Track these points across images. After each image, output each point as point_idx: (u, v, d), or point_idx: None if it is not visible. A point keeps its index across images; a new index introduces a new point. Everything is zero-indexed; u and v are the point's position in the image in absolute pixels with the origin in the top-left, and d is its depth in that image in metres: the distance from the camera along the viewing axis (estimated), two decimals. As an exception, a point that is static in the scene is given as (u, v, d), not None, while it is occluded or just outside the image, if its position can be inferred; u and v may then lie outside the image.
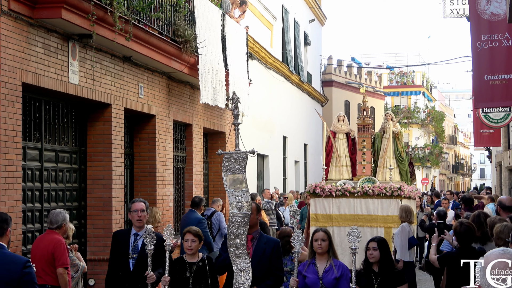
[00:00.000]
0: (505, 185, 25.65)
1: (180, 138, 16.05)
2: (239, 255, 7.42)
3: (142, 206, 8.69)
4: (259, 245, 8.01)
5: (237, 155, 7.44)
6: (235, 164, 7.43)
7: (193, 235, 8.29)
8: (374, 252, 8.20)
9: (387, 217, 15.92)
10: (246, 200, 7.38)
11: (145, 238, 8.21)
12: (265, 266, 7.91)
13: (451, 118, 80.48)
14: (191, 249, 8.27)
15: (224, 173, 7.47)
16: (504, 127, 23.77)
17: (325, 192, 16.22)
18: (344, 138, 17.91)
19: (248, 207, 7.37)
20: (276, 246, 8.13)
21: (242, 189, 7.40)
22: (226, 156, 7.48)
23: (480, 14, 14.58)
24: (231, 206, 7.40)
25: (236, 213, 7.38)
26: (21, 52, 9.55)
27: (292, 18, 28.69)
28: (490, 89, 14.58)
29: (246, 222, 7.38)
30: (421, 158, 59.63)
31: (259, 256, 7.90)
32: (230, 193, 7.43)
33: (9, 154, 9.29)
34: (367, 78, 44.26)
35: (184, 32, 13.93)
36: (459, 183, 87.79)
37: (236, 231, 7.39)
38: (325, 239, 8.04)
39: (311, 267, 8.01)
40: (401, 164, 18.05)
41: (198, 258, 8.33)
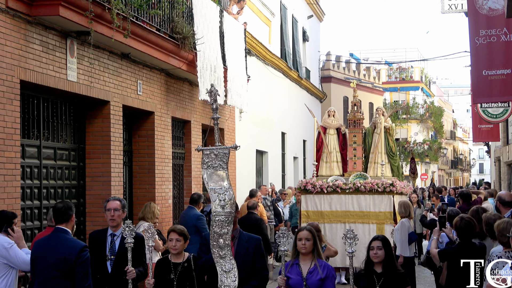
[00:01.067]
0: (504, 180, 25.67)
1: (179, 134, 16.05)
2: (224, 256, 7.08)
3: (116, 205, 8.24)
4: (241, 244, 7.70)
5: (218, 151, 7.13)
6: (215, 160, 7.12)
7: (177, 234, 7.95)
8: (378, 252, 7.62)
9: (379, 214, 15.86)
10: (229, 197, 7.04)
11: (123, 231, 7.80)
12: (249, 265, 7.61)
13: (450, 113, 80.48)
14: (175, 249, 7.93)
15: (204, 170, 7.13)
16: (502, 122, 23.80)
17: (316, 189, 16.15)
18: (334, 134, 17.77)
19: (232, 205, 7.03)
20: (258, 243, 7.82)
21: (224, 186, 7.05)
22: (206, 152, 7.17)
23: (478, 9, 14.57)
24: (214, 204, 7.04)
25: (219, 211, 7.02)
26: (19, 49, 9.54)
27: (290, 14, 28.67)
28: (489, 84, 14.56)
29: (230, 221, 7.04)
30: (420, 153, 59.64)
31: (242, 256, 7.58)
32: (212, 191, 7.06)
33: (7, 151, 9.29)
34: (366, 73, 44.25)
35: (182, 29, 13.92)
36: (458, 178, 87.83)
37: (219, 231, 7.05)
38: (309, 239, 7.50)
39: (294, 268, 7.53)
40: (392, 159, 17.86)
41: (184, 258, 7.98)
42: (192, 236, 13.22)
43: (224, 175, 7.07)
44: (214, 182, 7.05)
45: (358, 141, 17.49)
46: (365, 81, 42.91)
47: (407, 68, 62.14)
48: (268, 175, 24.43)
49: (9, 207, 9.25)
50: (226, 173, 7.07)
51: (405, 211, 13.70)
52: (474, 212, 9.60)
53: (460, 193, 14.10)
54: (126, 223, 7.86)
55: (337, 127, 17.86)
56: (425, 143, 61.15)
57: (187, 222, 13.39)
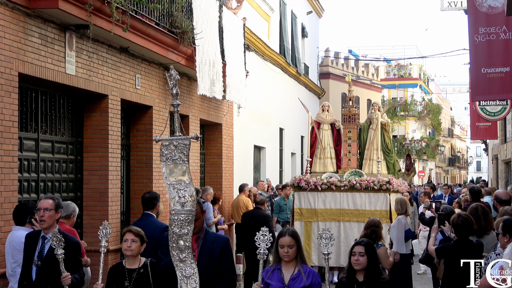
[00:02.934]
0: (501, 178, 25.69)
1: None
2: (184, 260, 6.31)
3: (48, 204, 7.53)
4: (206, 246, 6.85)
5: (178, 142, 6.46)
6: (175, 152, 6.43)
7: (134, 234, 7.30)
8: (360, 258, 6.88)
9: (375, 212, 15.47)
10: (190, 194, 6.29)
11: (51, 241, 7.05)
12: (214, 269, 6.78)
13: (448, 111, 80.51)
14: (131, 250, 7.21)
15: (163, 163, 6.46)
16: (500, 120, 23.80)
17: (310, 186, 15.79)
18: (328, 129, 17.38)
19: (193, 203, 6.28)
20: (225, 244, 6.97)
21: (185, 181, 6.33)
22: (165, 143, 6.50)
23: (478, 7, 14.59)
24: (172, 201, 6.31)
25: (178, 210, 6.27)
26: (18, 42, 9.52)
27: (290, 9, 28.64)
28: (487, 82, 14.60)
29: (191, 220, 6.28)
30: (418, 151, 59.65)
31: (206, 258, 6.76)
32: (171, 186, 6.35)
33: (5, 144, 9.28)
34: (364, 70, 44.23)
35: (181, 24, 13.90)
36: (456, 176, 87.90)
37: (179, 231, 6.28)
38: (292, 245, 6.75)
39: (275, 274, 6.80)
40: (388, 156, 17.46)
41: (140, 264, 7.26)
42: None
43: (184, 168, 6.36)
44: (174, 176, 6.36)
45: (353, 137, 17.15)
46: (364, 78, 42.89)
47: (405, 65, 62.11)
48: (266, 170, 24.42)
49: (7, 200, 9.26)
50: (187, 167, 6.37)
51: (401, 208, 13.67)
52: (473, 210, 9.58)
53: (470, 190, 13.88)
54: (53, 232, 7.07)
55: (331, 122, 17.47)
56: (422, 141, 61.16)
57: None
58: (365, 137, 17.33)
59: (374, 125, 17.17)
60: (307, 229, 15.92)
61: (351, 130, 17.17)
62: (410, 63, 61.81)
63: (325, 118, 17.39)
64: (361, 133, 17.39)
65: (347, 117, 17.29)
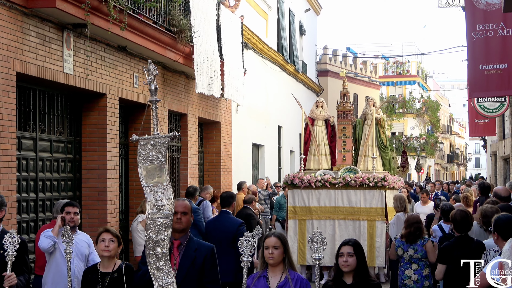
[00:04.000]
0: (500, 174, 25.72)
1: (175, 128, 16.04)
2: (161, 268, 5.88)
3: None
4: (188, 254, 6.29)
5: (155, 141, 6.06)
6: (153, 151, 6.03)
7: (111, 234, 6.97)
8: (349, 259, 6.35)
9: (370, 210, 15.23)
10: (167, 197, 5.90)
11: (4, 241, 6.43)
12: (195, 280, 6.25)
13: (446, 107, 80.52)
14: (108, 250, 6.86)
15: (140, 164, 6.06)
16: (499, 117, 23.83)
17: (304, 183, 15.46)
18: (323, 125, 16.96)
19: (171, 206, 5.87)
20: (209, 253, 6.40)
21: (162, 183, 5.93)
22: (142, 142, 6.10)
23: (475, 4, 14.58)
24: (149, 205, 5.90)
25: (155, 213, 5.87)
26: (16, 41, 9.53)
27: (287, 7, 28.65)
28: (485, 78, 14.59)
29: (169, 225, 5.86)
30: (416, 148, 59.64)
31: (187, 268, 6.23)
32: (147, 188, 5.95)
33: (3, 144, 9.29)
34: (363, 68, 44.23)
35: (179, 22, 13.91)
36: (454, 172, 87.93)
37: (156, 237, 5.86)
38: (278, 247, 6.28)
39: (261, 281, 6.34)
40: (384, 152, 17.09)
41: (114, 267, 6.89)
42: (188, 229, 13.29)
43: (162, 169, 5.96)
44: (151, 178, 5.96)
45: (347, 133, 16.70)
46: (362, 75, 42.89)
47: (404, 62, 62.07)
48: (265, 168, 24.44)
49: (5, 199, 9.24)
50: (164, 167, 5.97)
51: (400, 205, 13.65)
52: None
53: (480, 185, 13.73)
54: (9, 233, 6.44)
55: (325, 119, 17.02)
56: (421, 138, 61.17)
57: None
58: (360, 133, 16.99)
59: (369, 120, 16.84)
60: (301, 228, 15.68)
61: (345, 126, 16.76)
62: (408, 60, 61.78)
63: (319, 114, 17.01)
64: (356, 129, 17.03)
65: (341, 113, 16.86)
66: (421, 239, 10.05)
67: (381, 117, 17.21)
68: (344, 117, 16.82)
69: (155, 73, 6.15)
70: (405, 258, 10.02)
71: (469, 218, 8.83)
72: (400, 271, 10.10)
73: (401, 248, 10.08)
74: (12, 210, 9.48)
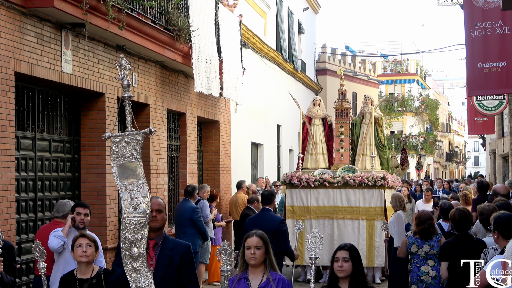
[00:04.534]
0: (499, 172, 25.71)
1: (174, 127, 16.03)
2: (138, 269, 5.69)
3: None
4: (164, 253, 6.09)
5: (130, 137, 5.83)
6: (127, 149, 5.80)
7: (88, 239, 6.84)
8: (344, 264, 6.03)
9: (369, 209, 15.14)
10: (143, 195, 5.70)
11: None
12: (173, 280, 6.08)
13: (445, 106, 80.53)
14: (86, 256, 6.75)
15: (114, 162, 5.84)
16: (498, 115, 23.81)
17: (302, 183, 15.40)
18: (320, 124, 16.94)
19: (148, 205, 5.69)
20: (186, 251, 6.21)
21: (138, 181, 5.74)
22: (115, 139, 5.86)
23: (474, 2, 14.59)
24: (124, 204, 5.72)
25: (131, 213, 5.68)
26: (14, 41, 9.52)
27: (286, 6, 28.63)
28: (484, 77, 14.60)
29: (145, 224, 5.68)
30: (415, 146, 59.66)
31: (164, 268, 6.04)
32: (122, 187, 5.76)
33: (2, 143, 9.28)
34: (361, 66, 44.21)
35: (177, 21, 13.90)
36: (454, 171, 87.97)
37: (132, 237, 5.67)
38: (259, 247, 6.12)
39: (242, 283, 6.14)
40: (382, 151, 16.93)
41: (92, 273, 6.76)
42: (187, 228, 13.31)
43: (137, 167, 5.76)
44: (126, 176, 5.76)
45: (345, 131, 16.58)
46: (361, 74, 42.87)
47: (402, 60, 62.10)
48: (264, 167, 24.43)
49: (4, 199, 9.26)
50: (140, 165, 5.77)
51: (400, 204, 13.59)
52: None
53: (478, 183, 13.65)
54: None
55: (322, 117, 17.01)
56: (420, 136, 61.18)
57: (183, 214, 13.43)
58: (357, 132, 16.83)
59: (367, 119, 16.69)
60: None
61: (343, 125, 16.62)
62: (407, 59, 61.80)
63: (316, 112, 16.97)
64: (353, 127, 16.88)
65: (339, 112, 16.73)
66: (436, 234, 10.00)
67: (379, 115, 17.09)
68: (341, 116, 16.70)
69: (127, 68, 6.06)
70: (419, 254, 9.93)
71: (468, 216, 8.83)
72: (414, 268, 9.99)
73: (415, 245, 9.98)
74: (11, 210, 9.48)
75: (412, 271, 10.07)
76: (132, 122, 5.96)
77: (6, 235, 9.18)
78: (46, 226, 9.40)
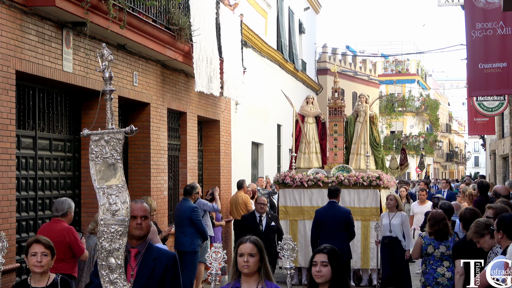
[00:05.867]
0: (499, 173, 25.73)
1: (175, 126, 16.04)
2: (115, 281, 5.16)
3: None
4: (146, 263, 5.61)
5: (109, 136, 5.34)
6: (107, 148, 5.30)
7: (44, 246, 6.33)
8: (323, 269, 5.53)
9: (364, 210, 14.85)
10: (122, 200, 5.21)
11: None
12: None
13: (446, 106, 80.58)
14: (41, 266, 6.27)
15: (92, 162, 5.32)
16: (498, 115, 23.84)
17: (296, 182, 15.10)
18: (313, 122, 16.54)
19: (127, 211, 5.19)
20: (171, 261, 5.71)
21: (117, 184, 5.24)
22: (94, 138, 5.38)
23: (475, 3, 14.60)
24: (102, 209, 5.22)
25: (108, 219, 5.18)
26: (15, 40, 9.52)
27: (287, 6, 28.63)
28: (485, 77, 14.62)
29: (124, 232, 5.16)
30: (416, 146, 59.69)
31: (145, 279, 5.55)
32: (100, 190, 5.24)
33: (3, 142, 9.28)
34: (362, 66, 44.23)
35: (178, 20, 13.90)
36: (454, 171, 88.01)
37: (109, 246, 5.17)
38: (254, 254, 5.51)
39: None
40: (376, 151, 16.53)
41: (48, 282, 6.30)
42: (186, 228, 13.32)
43: (117, 169, 5.25)
44: (104, 179, 5.25)
45: (339, 130, 16.12)
46: (361, 74, 42.88)
47: (403, 61, 62.18)
48: (264, 167, 24.43)
49: (4, 198, 9.26)
50: (120, 167, 5.26)
51: (398, 204, 13.50)
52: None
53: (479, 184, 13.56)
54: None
55: (316, 115, 16.61)
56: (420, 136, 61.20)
57: (182, 214, 13.43)
58: (351, 130, 16.46)
59: (362, 117, 16.27)
60: (293, 228, 15.26)
61: (337, 123, 16.18)
62: (407, 59, 61.87)
63: (309, 110, 16.56)
64: (347, 126, 16.50)
65: (333, 110, 16.27)
66: (451, 235, 9.94)
67: (374, 114, 16.73)
68: (335, 114, 16.27)
69: (109, 59, 5.41)
70: (435, 255, 9.87)
71: (479, 216, 8.83)
72: (430, 269, 9.92)
73: (431, 246, 9.91)
74: (11, 209, 9.48)
75: (427, 272, 9.96)
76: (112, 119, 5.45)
77: (7, 234, 9.19)
78: (46, 224, 9.42)
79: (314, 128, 16.55)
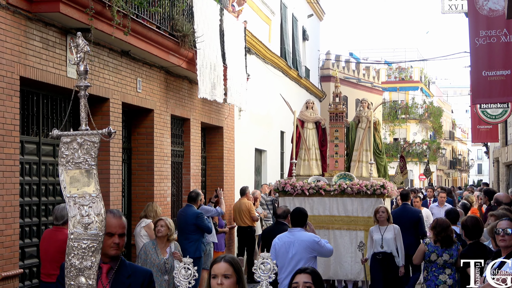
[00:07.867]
0: (502, 181, 25.71)
1: (178, 132, 16.05)
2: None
3: None
4: (120, 281, 5.01)
5: (83, 139, 4.73)
6: (79, 152, 4.69)
7: None
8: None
9: (368, 219, 13.93)
10: (96, 212, 4.59)
11: None
12: None
13: (449, 113, 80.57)
14: None
15: (63, 168, 4.73)
16: (501, 123, 23.84)
17: (296, 190, 14.48)
18: (313, 128, 15.91)
19: (101, 224, 4.58)
20: (147, 279, 5.16)
21: (90, 193, 4.62)
22: (65, 139, 4.75)
23: (479, 10, 14.60)
24: (72, 222, 4.63)
25: (80, 233, 4.59)
26: (19, 46, 9.54)
27: (291, 13, 28.66)
28: (488, 85, 14.59)
29: (97, 248, 4.57)
30: (419, 153, 59.65)
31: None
32: (71, 200, 4.67)
33: (7, 148, 9.29)
34: (365, 73, 44.25)
35: (182, 27, 13.92)
36: (457, 178, 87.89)
37: (79, 264, 4.58)
38: (229, 275, 4.72)
39: None
40: (379, 158, 15.81)
41: None
42: (191, 235, 13.28)
43: (91, 176, 4.64)
44: (75, 186, 4.66)
45: (340, 136, 15.42)
46: (365, 81, 42.90)
47: (406, 68, 62.22)
48: (267, 174, 24.43)
49: (8, 203, 9.26)
50: (94, 174, 4.65)
51: (389, 216, 12.91)
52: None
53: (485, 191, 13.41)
54: None
55: (316, 121, 15.98)
56: (423, 143, 61.17)
57: (186, 220, 13.41)
58: (353, 137, 15.86)
59: (363, 123, 15.67)
60: None
61: (338, 129, 15.48)
62: (411, 66, 61.89)
63: (309, 116, 15.96)
64: (348, 132, 15.89)
65: (333, 115, 15.57)
66: (455, 243, 9.93)
67: (376, 120, 16.15)
68: (336, 120, 15.59)
69: (85, 50, 4.87)
70: (438, 263, 9.84)
71: (480, 224, 8.86)
72: (432, 277, 9.89)
73: (435, 253, 9.88)
74: (15, 214, 9.48)
75: (429, 279, 9.95)
76: (88, 120, 4.81)
77: (10, 240, 9.22)
78: (49, 231, 9.37)
79: (314, 134, 15.97)
